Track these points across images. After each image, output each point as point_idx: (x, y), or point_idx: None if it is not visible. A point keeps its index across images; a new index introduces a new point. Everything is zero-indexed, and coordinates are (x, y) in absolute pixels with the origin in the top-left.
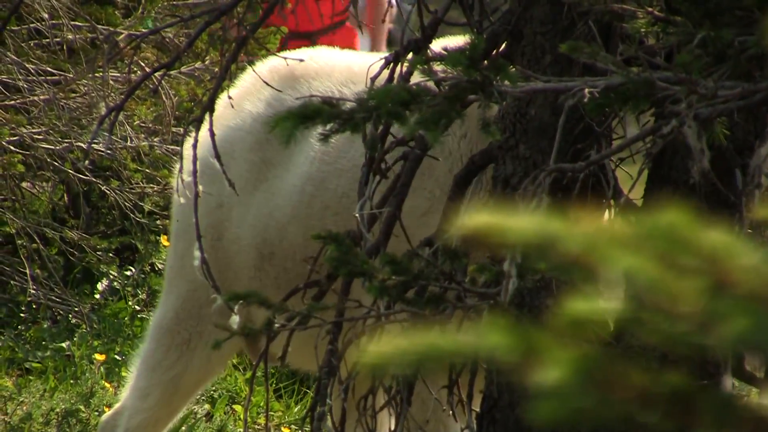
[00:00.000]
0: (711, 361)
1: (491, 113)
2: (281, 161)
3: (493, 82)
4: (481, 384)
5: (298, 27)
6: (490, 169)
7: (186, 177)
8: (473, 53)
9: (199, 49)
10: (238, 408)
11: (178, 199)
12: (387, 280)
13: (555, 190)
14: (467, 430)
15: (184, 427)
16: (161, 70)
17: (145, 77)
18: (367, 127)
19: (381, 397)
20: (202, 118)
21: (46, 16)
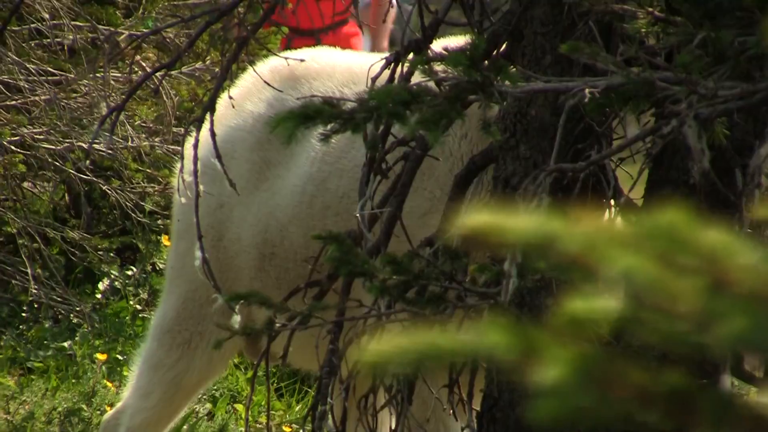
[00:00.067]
0: (710, 361)
1: (492, 113)
2: (282, 161)
3: (494, 82)
4: (482, 383)
5: (299, 26)
6: (490, 169)
7: (187, 177)
8: (474, 53)
9: (199, 49)
10: (239, 407)
11: (179, 199)
12: (388, 279)
13: (555, 190)
14: (467, 429)
15: (186, 426)
16: (162, 70)
17: (146, 77)
18: (368, 127)
19: (382, 396)
20: (203, 118)
21: (47, 16)
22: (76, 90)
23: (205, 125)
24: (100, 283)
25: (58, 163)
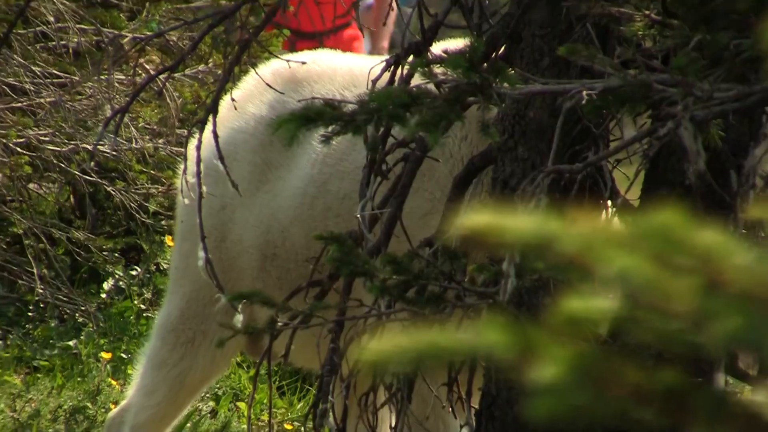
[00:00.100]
0: (705, 359)
1: (490, 115)
2: (284, 163)
3: (493, 84)
4: (480, 381)
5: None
6: (489, 170)
7: (190, 178)
8: (473, 56)
9: (202, 51)
10: (242, 405)
11: (183, 200)
12: (388, 279)
13: (553, 191)
14: (466, 427)
15: (189, 424)
16: (165, 72)
17: (149, 80)
18: (369, 129)
19: (382, 395)
20: (206, 120)
21: (52, 20)
22: (81, 92)
23: (208, 127)
24: (105, 282)
25: (63, 165)
